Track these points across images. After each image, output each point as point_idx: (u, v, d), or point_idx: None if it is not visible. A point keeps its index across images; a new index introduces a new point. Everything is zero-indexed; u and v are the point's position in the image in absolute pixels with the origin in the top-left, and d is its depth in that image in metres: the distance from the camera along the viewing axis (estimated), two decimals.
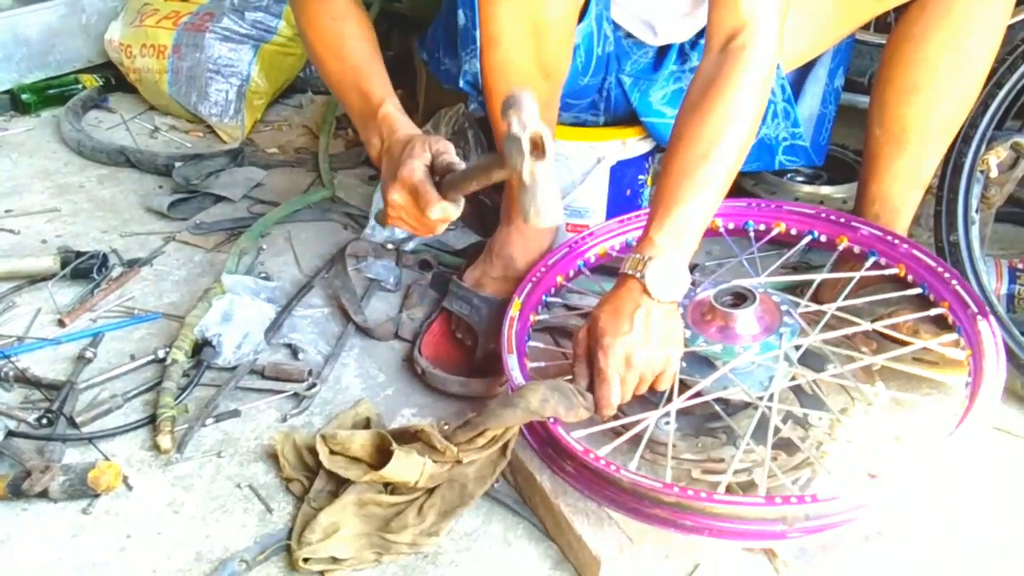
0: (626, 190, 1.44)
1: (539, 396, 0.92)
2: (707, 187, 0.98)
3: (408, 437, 1.00)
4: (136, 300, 1.40)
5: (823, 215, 1.23)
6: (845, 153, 1.63)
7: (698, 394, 1.01)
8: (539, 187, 0.81)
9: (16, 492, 1.00)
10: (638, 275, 0.96)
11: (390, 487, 0.97)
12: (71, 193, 1.75)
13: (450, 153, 0.98)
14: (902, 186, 1.22)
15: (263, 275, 1.44)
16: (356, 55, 1.13)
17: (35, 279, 1.43)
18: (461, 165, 0.97)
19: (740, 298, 1.06)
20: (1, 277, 1.43)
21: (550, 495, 0.94)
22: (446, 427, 1.02)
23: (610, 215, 1.43)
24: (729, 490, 0.95)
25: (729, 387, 1.01)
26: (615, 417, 1.04)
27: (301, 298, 1.38)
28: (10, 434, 1.07)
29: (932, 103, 1.16)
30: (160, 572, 0.93)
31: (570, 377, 1.00)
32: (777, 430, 0.96)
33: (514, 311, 1.14)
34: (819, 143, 1.40)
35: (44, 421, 1.12)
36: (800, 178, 1.60)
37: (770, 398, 0.98)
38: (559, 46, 1.08)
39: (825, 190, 1.52)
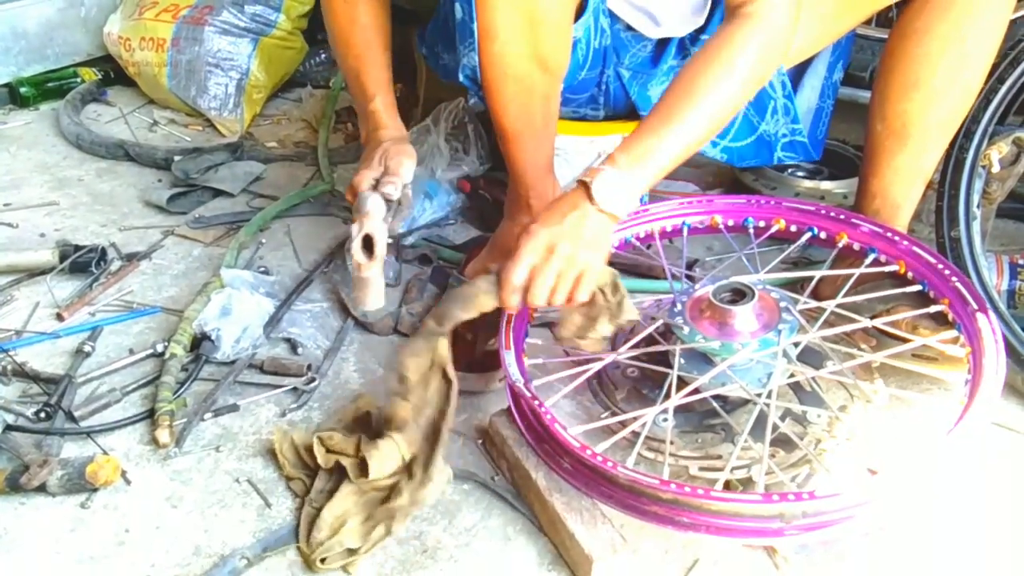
0: None
1: (435, 315, 0.99)
2: (683, 128, 0.99)
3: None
4: (135, 294, 1.40)
5: (823, 212, 1.22)
6: (846, 148, 1.62)
7: (696, 391, 1.01)
8: (365, 282, 1.02)
9: (14, 486, 1.00)
10: (586, 179, 0.98)
11: None
12: (70, 187, 1.74)
13: (393, 184, 1.14)
14: (903, 182, 1.21)
15: (262, 269, 1.44)
16: (361, 43, 1.19)
17: (34, 273, 1.43)
18: (394, 194, 1.15)
19: (739, 294, 1.05)
20: (0, 271, 1.43)
21: (544, 492, 0.93)
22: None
23: None
24: (727, 487, 0.94)
25: (727, 384, 1.01)
26: (612, 414, 1.04)
27: (300, 292, 1.38)
28: (8, 428, 1.07)
29: (934, 98, 1.15)
30: (159, 566, 0.93)
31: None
32: (775, 427, 0.96)
33: None
34: (817, 137, 1.40)
35: (42, 415, 1.12)
36: (801, 173, 1.59)
37: (769, 395, 0.98)
38: (557, 38, 1.08)
39: (826, 185, 1.52)
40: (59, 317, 1.33)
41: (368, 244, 0.96)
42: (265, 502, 1.01)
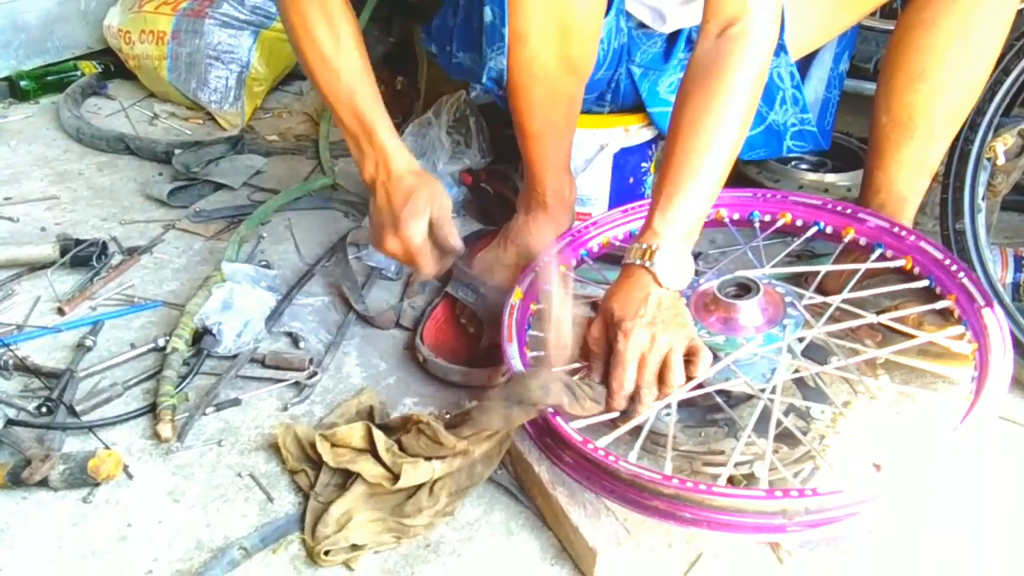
0: (629, 178, 1.43)
1: (538, 384, 0.91)
2: (708, 175, 0.98)
3: (409, 425, 0.99)
4: (136, 288, 1.39)
5: (829, 206, 1.22)
6: (850, 141, 1.62)
7: (700, 385, 1.00)
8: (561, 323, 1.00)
9: (16, 481, 1.00)
10: (647, 264, 0.96)
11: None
12: (70, 180, 1.74)
13: (448, 225, 1.08)
14: (909, 174, 1.21)
15: (263, 263, 1.43)
16: (349, 67, 1.07)
17: (34, 267, 1.42)
18: (457, 242, 1.10)
19: (744, 289, 1.05)
20: (0, 265, 1.42)
21: (547, 485, 0.93)
22: (447, 416, 1.01)
23: (613, 203, 1.42)
24: (730, 482, 0.94)
25: (731, 379, 1.00)
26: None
27: (302, 286, 1.38)
28: (9, 423, 1.07)
29: (939, 90, 1.14)
30: (161, 561, 0.93)
31: (574, 368, 1.00)
32: (779, 422, 0.95)
33: (515, 300, 1.13)
34: (824, 128, 1.39)
35: (44, 409, 1.11)
36: (804, 166, 1.59)
37: (773, 390, 0.98)
38: (586, 43, 1.08)
39: (830, 178, 1.51)
40: (60, 311, 1.33)
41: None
42: (267, 496, 1.00)
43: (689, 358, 0.95)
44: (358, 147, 1.10)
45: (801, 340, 1.04)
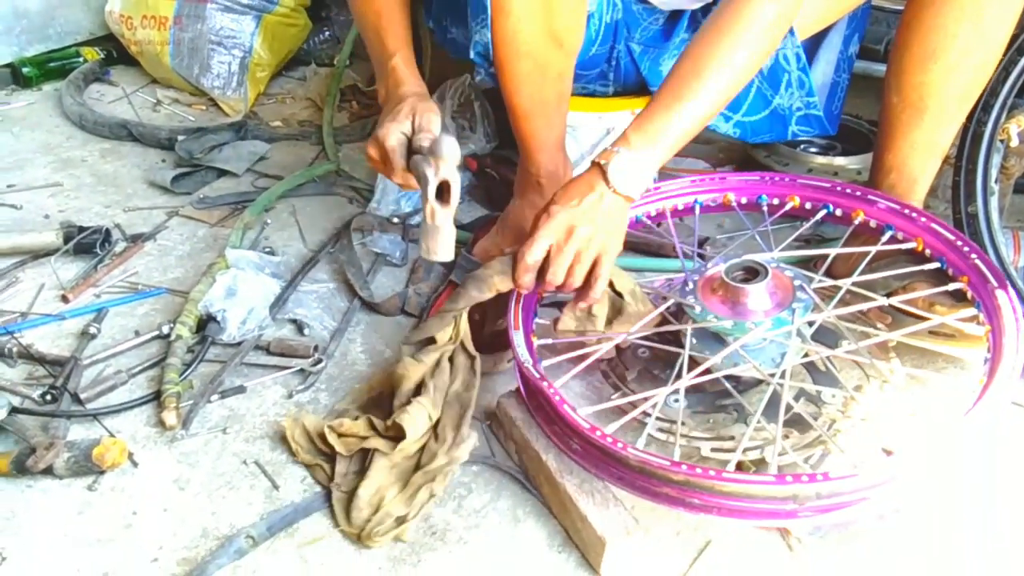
0: None
1: (455, 297, 1.00)
2: (695, 100, 0.99)
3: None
4: (140, 275, 1.38)
5: (838, 188, 1.20)
6: (860, 123, 1.59)
7: (708, 371, 0.99)
8: (437, 230, 0.94)
9: (21, 469, 0.99)
10: (601, 162, 0.99)
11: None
12: (73, 167, 1.73)
13: (431, 133, 1.02)
14: (919, 156, 1.19)
15: (267, 250, 1.42)
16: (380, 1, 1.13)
17: (38, 254, 1.41)
18: (435, 131, 1.03)
19: (752, 273, 1.03)
20: (4, 252, 1.42)
21: (555, 474, 0.92)
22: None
23: None
24: (740, 468, 0.93)
25: (740, 364, 0.99)
26: (623, 394, 1.03)
27: (306, 273, 1.37)
28: (14, 410, 1.06)
29: (951, 70, 1.12)
30: (166, 549, 0.92)
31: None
32: (789, 407, 0.94)
33: None
34: (832, 112, 1.37)
35: (48, 397, 1.11)
36: (814, 149, 1.56)
37: (782, 375, 0.96)
38: (572, 14, 1.06)
39: (839, 161, 1.49)
40: (64, 299, 1.32)
41: (442, 190, 0.94)
42: (273, 484, 1.00)
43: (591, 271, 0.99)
44: (378, 71, 1.15)
45: (811, 324, 1.03)
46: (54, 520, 0.96)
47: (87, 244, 1.40)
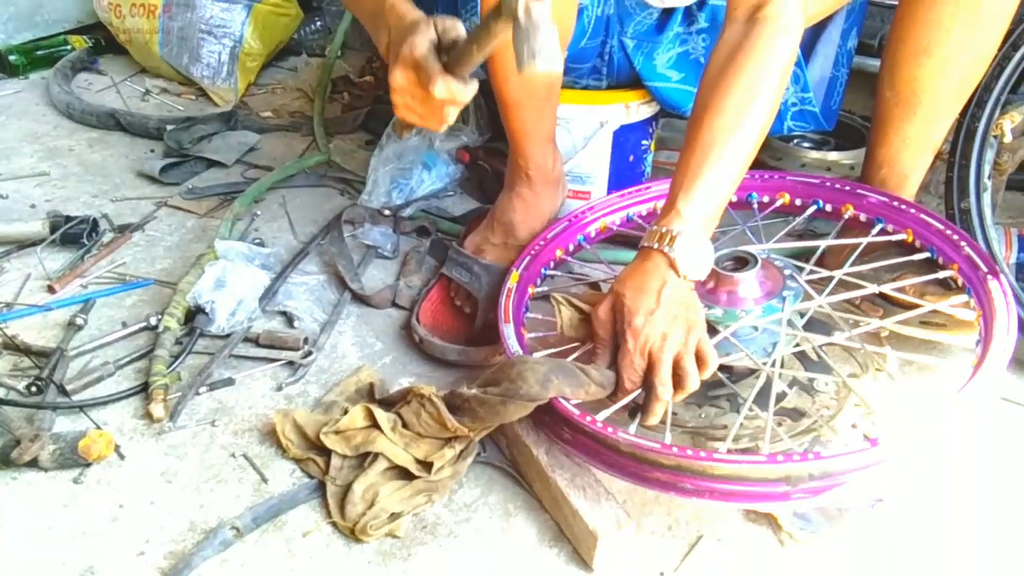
0: (629, 156, 1.41)
1: (538, 378, 0.89)
2: (734, 159, 0.95)
3: (409, 397, 1.00)
4: (128, 266, 1.37)
5: (828, 184, 1.20)
6: (853, 118, 1.59)
7: None
8: (536, 28, 0.74)
9: (5, 461, 0.98)
10: (665, 250, 0.93)
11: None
12: (61, 157, 1.71)
13: (457, 29, 0.88)
14: (912, 151, 1.18)
15: (257, 241, 1.41)
16: None
17: (24, 244, 1.40)
18: (461, 34, 0.89)
19: (742, 262, 1.03)
20: None
21: (546, 469, 0.91)
22: (442, 394, 0.99)
23: (612, 181, 1.40)
24: None
25: (732, 353, 0.99)
26: None
27: (296, 265, 1.36)
28: None
29: (945, 65, 1.12)
30: (153, 542, 0.91)
31: (576, 353, 0.98)
32: (782, 396, 0.94)
33: (512, 282, 1.11)
34: (830, 107, 1.37)
35: (34, 389, 1.09)
36: (807, 144, 1.56)
37: (774, 363, 0.96)
38: (561, 6, 1.05)
39: (832, 156, 1.48)
40: (50, 289, 1.30)
41: None
42: (261, 477, 0.99)
43: (697, 359, 0.92)
44: (375, 23, 1.00)
45: (802, 315, 1.02)
46: (39, 512, 0.95)
47: (74, 234, 1.39)
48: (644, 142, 1.42)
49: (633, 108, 1.35)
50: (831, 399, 0.97)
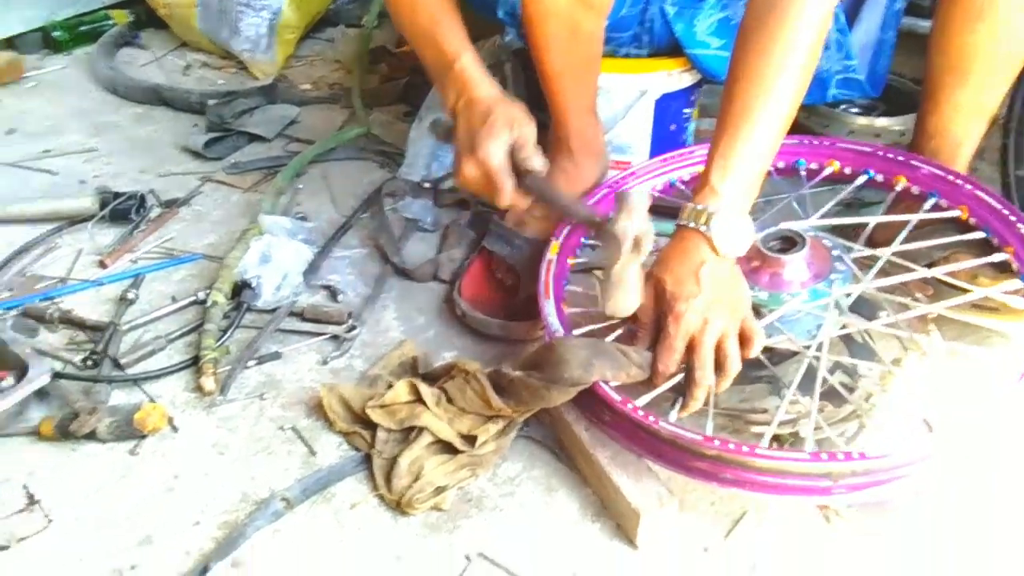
0: (670, 124, 1.39)
1: (580, 362, 0.89)
2: (769, 129, 0.93)
3: (454, 372, 1.01)
4: (175, 241, 1.40)
5: (880, 153, 1.17)
6: (903, 82, 1.54)
7: None
8: (625, 284, 0.92)
9: (64, 433, 1.02)
10: (703, 229, 0.91)
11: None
12: (108, 132, 1.74)
13: (529, 147, 1.01)
14: (964, 118, 1.15)
15: (300, 215, 1.43)
16: (431, 5, 1.07)
17: (75, 220, 1.43)
18: (539, 164, 1.04)
19: (789, 243, 1.01)
20: (42, 218, 1.44)
21: (588, 447, 0.92)
22: (488, 371, 1.00)
23: (654, 151, 1.38)
24: (776, 441, 0.92)
25: (775, 336, 0.98)
26: None
27: (338, 239, 1.37)
28: (56, 375, 1.08)
29: (999, 30, 1.08)
30: (207, 512, 0.94)
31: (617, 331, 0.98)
32: (824, 381, 0.93)
33: (551, 254, 1.11)
34: (877, 72, 1.33)
35: (89, 363, 1.13)
36: (855, 109, 1.52)
37: (818, 347, 0.95)
38: None
39: (881, 122, 1.44)
40: (102, 264, 1.34)
41: (637, 243, 0.90)
42: (310, 450, 1.01)
43: (741, 340, 0.92)
44: (440, 79, 1.08)
45: (849, 295, 1.01)
46: (98, 483, 0.98)
47: (123, 210, 1.42)
48: (686, 111, 1.40)
49: (675, 76, 1.33)
50: (875, 384, 0.95)
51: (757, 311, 0.99)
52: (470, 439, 0.96)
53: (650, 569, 0.86)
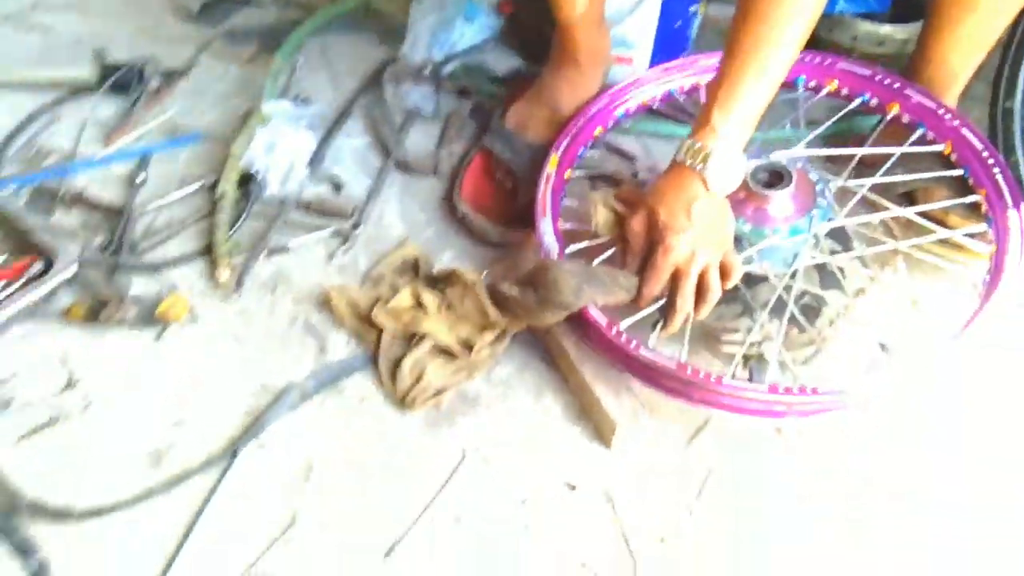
0: (676, 21, 1.39)
1: (572, 289, 0.97)
2: (774, 70, 0.96)
3: (454, 280, 1.09)
4: (176, 118, 1.41)
5: (878, 78, 1.19)
6: None
7: None
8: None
9: (94, 318, 1.10)
10: (698, 168, 0.97)
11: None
12: None
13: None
14: (964, 51, 1.17)
15: (301, 97, 1.43)
16: None
17: (74, 90, 1.43)
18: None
19: (776, 176, 1.07)
20: (42, 85, 1.44)
21: (574, 361, 1.02)
22: (486, 280, 1.09)
23: (657, 47, 1.38)
24: (745, 360, 1.02)
25: (753, 263, 1.06)
26: None
27: (340, 127, 1.39)
28: (81, 264, 1.15)
29: None
30: (230, 399, 1.04)
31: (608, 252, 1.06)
32: (790, 307, 1.02)
33: (550, 168, 1.15)
34: None
35: (109, 250, 1.19)
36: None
37: (792, 275, 1.03)
38: None
39: (886, 29, 1.44)
40: (107, 141, 1.36)
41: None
42: (321, 346, 1.11)
43: (722, 271, 1.00)
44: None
45: (826, 231, 1.08)
46: (127, 367, 1.07)
47: (123, 82, 1.42)
48: (692, 8, 1.39)
49: None
50: (837, 313, 1.05)
51: (739, 241, 1.07)
52: (468, 346, 1.06)
53: (621, 468, 0.99)
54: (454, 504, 0.96)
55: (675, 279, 0.99)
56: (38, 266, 1.12)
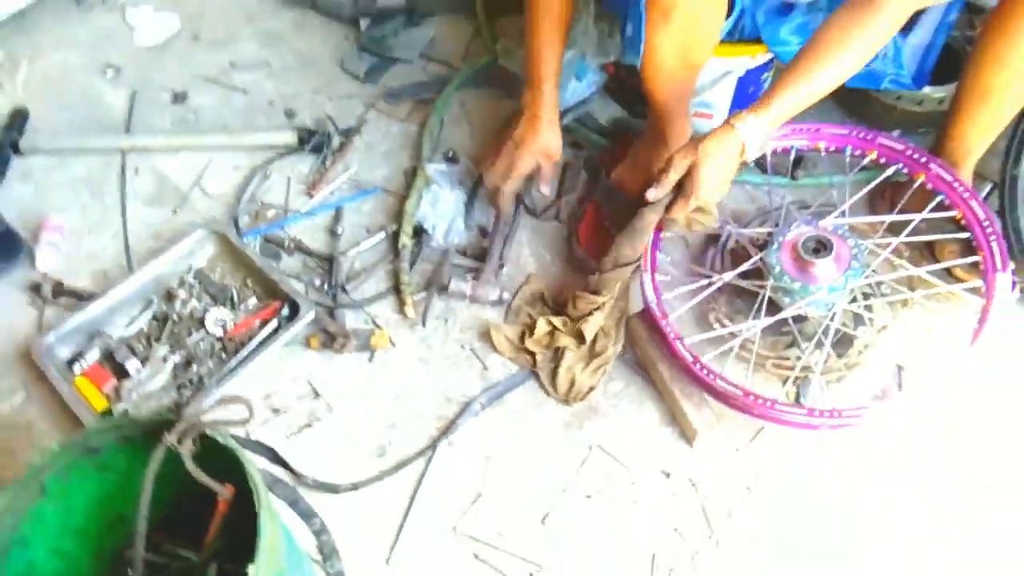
0: (749, 88, 1.71)
1: (620, 252, 1.47)
2: (825, 83, 1.28)
3: (568, 298, 1.53)
4: (356, 173, 1.83)
5: (909, 152, 1.51)
6: (954, 37, 1.75)
7: (779, 310, 1.45)
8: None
9: (328, 347, 1.57)
10: (744, 139, 1.32)
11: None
12: (275, 43, 2.09)
13: (544, 178, 1.62)
14: (980, 132, 1.48)
15: (451, 154, 1.82)
16: (546, 30, 1.48)
17: (281, 152, 1.86)
18: (545, 190, 1.64)
19: (822, 245, 1.43)
20: (256, 147, 1.87)
21: (667, 381, 1.44)
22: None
23: (733, 108, 1.72)
24: (792, 382, 1.43)
25: (802, 309, 1.44)
26: (720, 324, 1.50)
27: (482, 183, 1.79)
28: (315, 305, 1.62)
29: (1017, 75, 1.37)
30: (426, 408, 1.50)
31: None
32: (827, 340, 1.41)
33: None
34: (924, 70, 1.60)
35: (330, 292, 1.65)
36: None
37: (832, 318, 1.42)
38: (704, 49, 1.36)
39: (925, 90, 1.71)
40: (309, 194, 1.80)
41: None
42: (484, 366, 1.56)
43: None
44: (528, 80, 1.55)
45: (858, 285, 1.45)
46: (351, 383, 1.55)
47: (318, 145, 1.84)
48: (764, 76, 1.71)
49: (759, 58, 1.63)
50: (865, 345, 1.43)
51: (789, 294, 1.44)
52: (595, 353, 1.49)
53: (701, 461, 1.43)
54: (585, 485, 1.42)
55: (685, 195, 1.39)
56: (285, 310, 1.60)
